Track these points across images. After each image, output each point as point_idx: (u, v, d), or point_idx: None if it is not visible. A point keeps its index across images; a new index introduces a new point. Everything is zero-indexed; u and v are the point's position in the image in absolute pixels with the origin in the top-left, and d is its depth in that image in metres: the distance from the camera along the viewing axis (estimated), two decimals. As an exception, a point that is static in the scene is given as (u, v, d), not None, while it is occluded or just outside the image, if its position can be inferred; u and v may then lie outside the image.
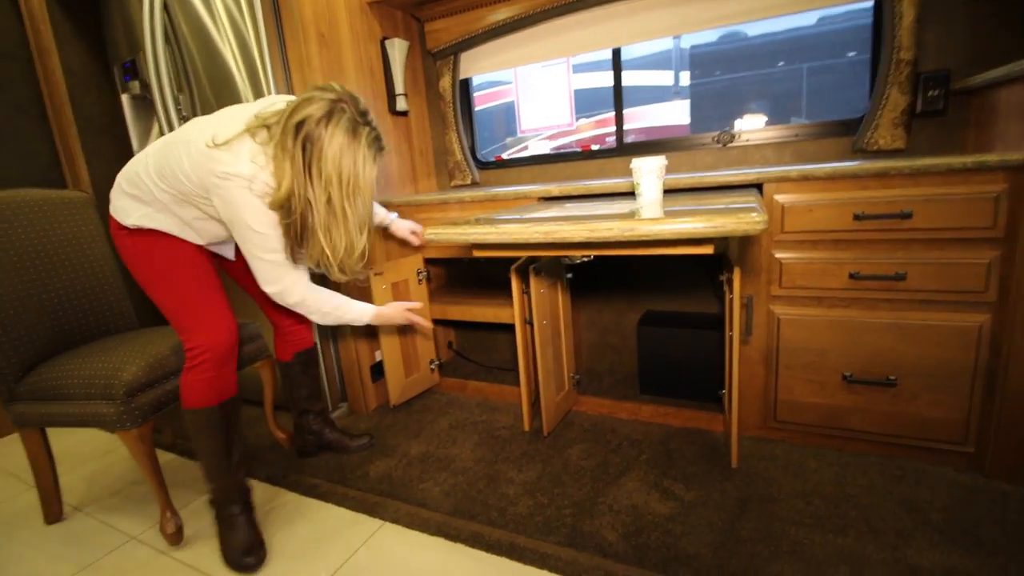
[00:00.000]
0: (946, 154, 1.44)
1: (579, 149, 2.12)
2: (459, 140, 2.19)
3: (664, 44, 4.07)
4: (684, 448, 1.56)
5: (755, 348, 1.50)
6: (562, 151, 2.20)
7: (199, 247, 1.30)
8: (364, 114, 1.13)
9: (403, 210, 1.97)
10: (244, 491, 1.31)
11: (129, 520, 1.46)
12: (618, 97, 2.01)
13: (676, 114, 4.00)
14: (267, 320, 1.61)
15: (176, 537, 1.32)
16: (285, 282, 1.24)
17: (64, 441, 1.98)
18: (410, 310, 1.53)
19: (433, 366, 2.10)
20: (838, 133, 1.72)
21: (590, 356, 2.18)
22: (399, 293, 1.94)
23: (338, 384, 2.00)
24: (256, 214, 1.11)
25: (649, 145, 2.02)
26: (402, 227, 1.75)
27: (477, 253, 1.22)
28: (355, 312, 1.39)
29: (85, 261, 1.54)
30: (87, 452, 1.90)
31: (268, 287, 1.24)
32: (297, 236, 1.13)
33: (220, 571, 1.23)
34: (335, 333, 1.94)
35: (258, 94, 1.70)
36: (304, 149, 1.06)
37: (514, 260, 1.61)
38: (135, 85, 1.97)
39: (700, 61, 4.07)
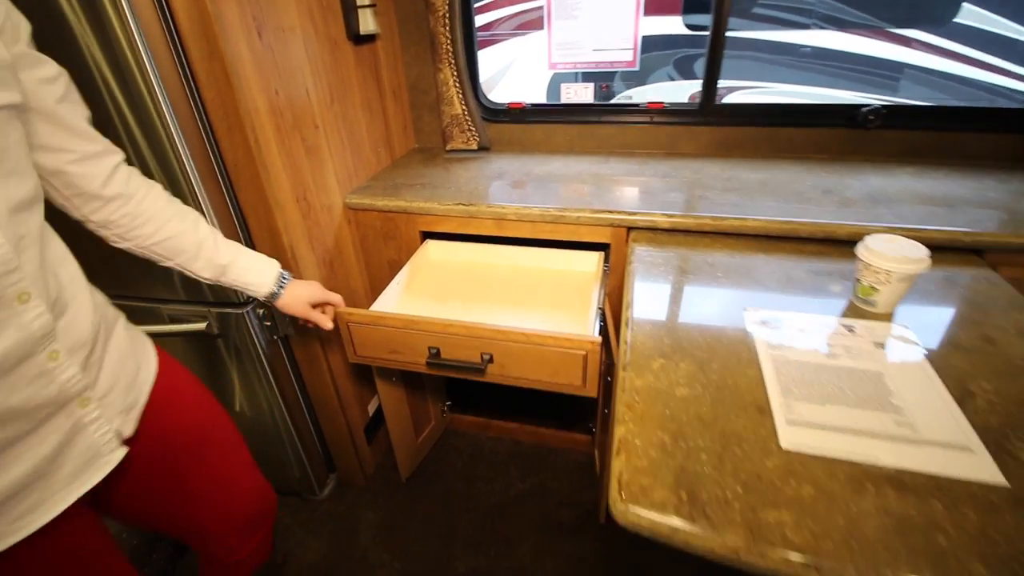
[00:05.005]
0: None
1: (643, 105, 1.45)
2: (458, 81, 1.40)
3: None
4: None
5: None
6: (617, 104, 1.52)
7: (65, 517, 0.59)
8: None
9: (395, 218, 1.27)
10: None
11: None
12: (717, 39, 1.32)
13: None
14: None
15: None
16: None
17: None
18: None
19: (446, 408, 1.61)
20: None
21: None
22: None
23: (320, 454, 1.46)
24: None
25: (744, 111, 1.42)
26: (296, 301, 0.91)
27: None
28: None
29: None
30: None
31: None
32: None
33: None
34: (306, 392, 1.34)
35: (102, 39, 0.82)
36: None
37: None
38: None
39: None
